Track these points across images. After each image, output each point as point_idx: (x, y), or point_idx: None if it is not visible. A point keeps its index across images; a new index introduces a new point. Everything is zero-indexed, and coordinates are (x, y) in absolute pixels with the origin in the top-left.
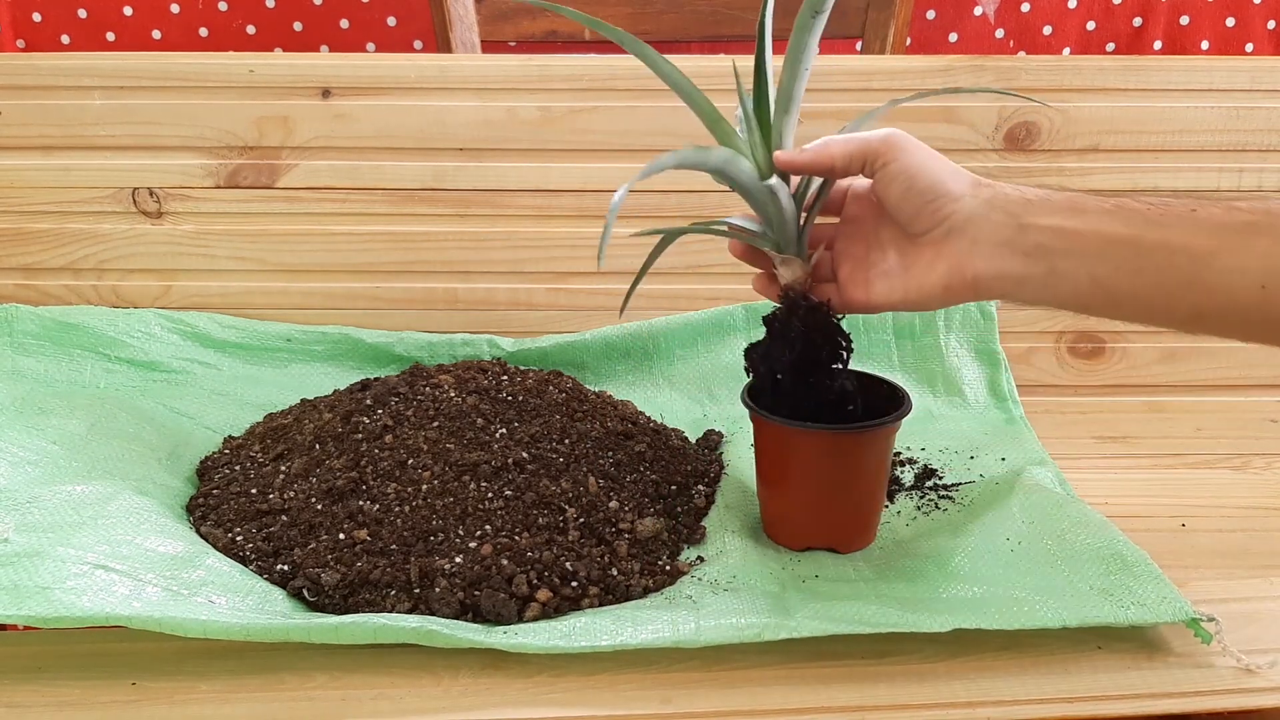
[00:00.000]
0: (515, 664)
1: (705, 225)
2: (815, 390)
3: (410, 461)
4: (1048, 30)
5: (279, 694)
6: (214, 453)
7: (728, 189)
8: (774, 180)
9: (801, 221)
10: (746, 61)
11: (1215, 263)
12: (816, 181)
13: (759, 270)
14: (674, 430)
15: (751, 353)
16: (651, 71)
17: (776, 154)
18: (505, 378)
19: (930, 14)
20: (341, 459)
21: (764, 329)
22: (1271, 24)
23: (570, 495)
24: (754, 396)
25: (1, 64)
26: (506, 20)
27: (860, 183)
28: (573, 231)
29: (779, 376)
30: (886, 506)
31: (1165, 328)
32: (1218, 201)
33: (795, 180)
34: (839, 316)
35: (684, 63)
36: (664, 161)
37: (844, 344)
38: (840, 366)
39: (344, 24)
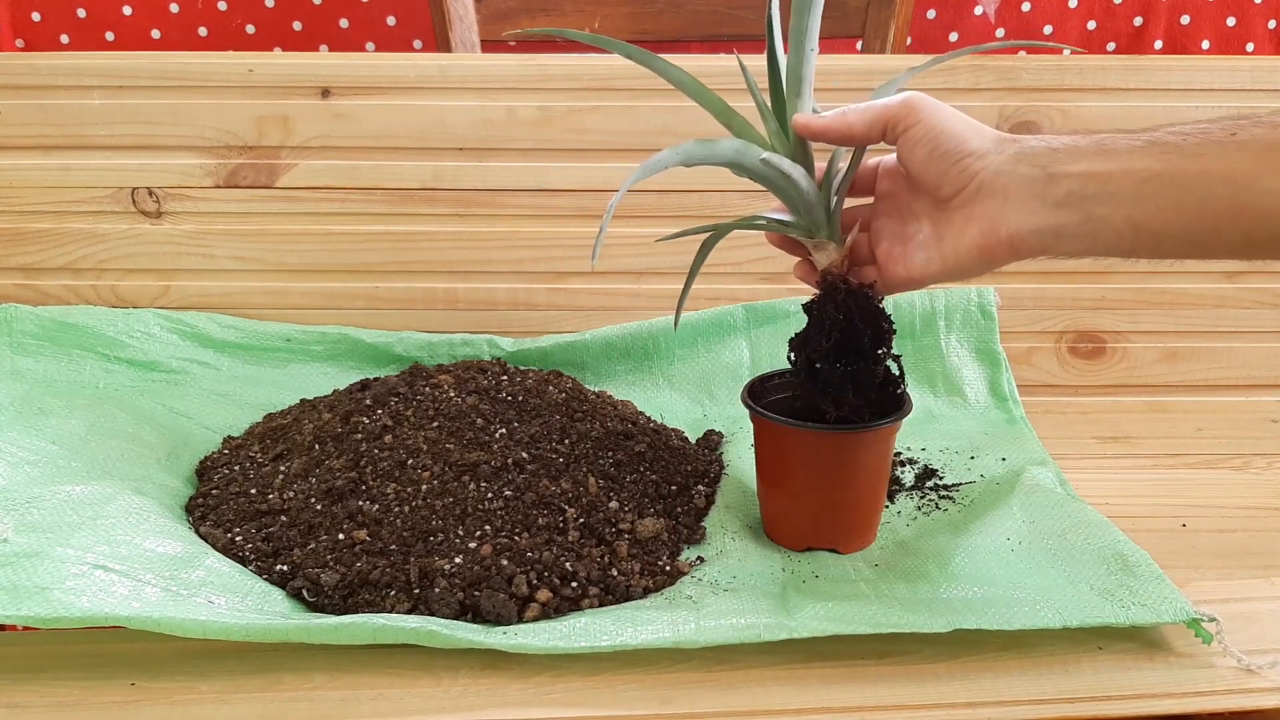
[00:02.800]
0: (515, 664)
1: (746, 221)
2: (856, 378)
3: (410, 461)
4: (1048, 30)
5: (278, 694)
6: (213, 453)
7: (737, 187)
8: (787, 164)
9: (831, 205)
10: (750, 60)
11: (1261, 185)
12: (843, 162)
13: (798, 259)
14: (674, 430)
15: (792, 342)
16: (652, 73)
17: (795, 118)
18: (505, 378)
19: (931, 13)
20: (341, 459)
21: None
22: (1272, 24)
23: (570, 495)
24: (754, 396)
25: (1, 64)
26: (506, 20)
27: (891, 159)
28: (573, 231)
29: (817, 365)
30: (887, 506)
31: (1217, 258)
32: (1260, 120)
33: (820, 166)
34: (880, 299)
35: (685, 62)
36: (665, 159)
37: (887, 327)
38: (885, 351)
39: (344, 23)
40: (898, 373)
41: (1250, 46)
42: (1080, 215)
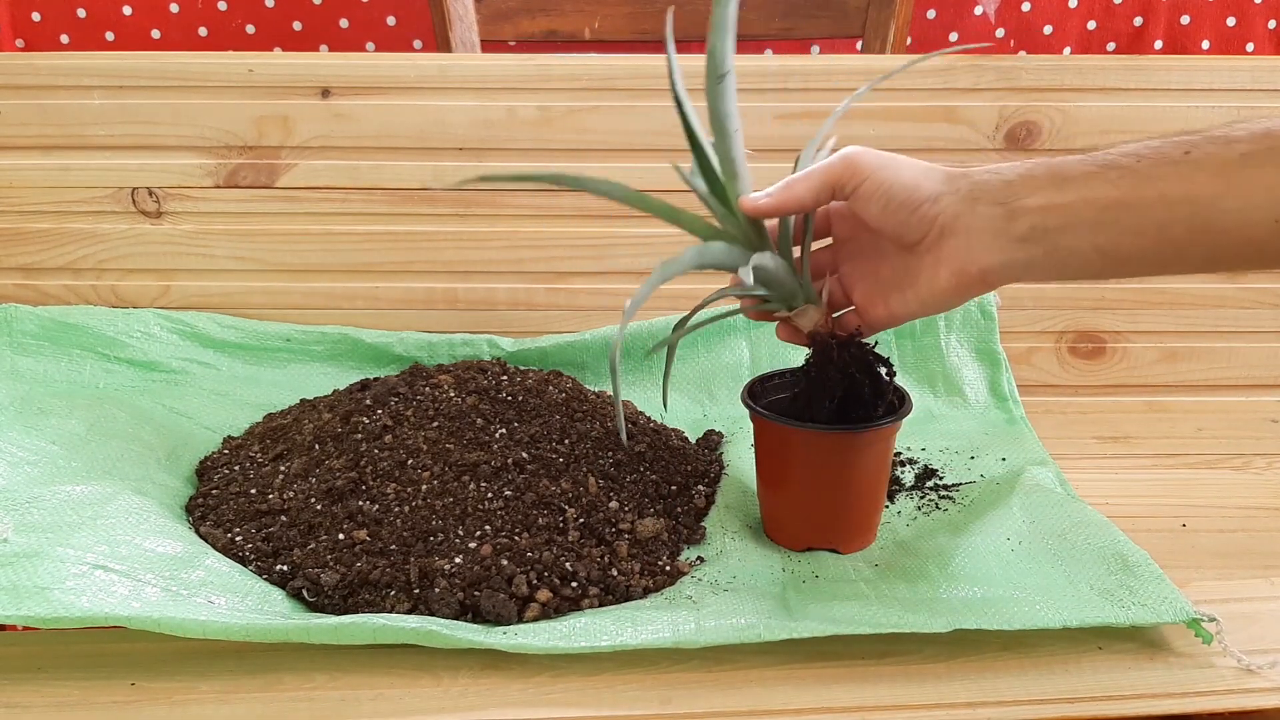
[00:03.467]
0: (515, 664)
1: (719, 314)
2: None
3: (410, 461)
4: (1048, 30)
5: (278, 694)
6: (213, 453)
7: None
8: (768, 258)
9: (799, 270)
10: (747, 60)
11: (1220, 205)
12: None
13: (777, 322)
14: (674, 430)
15: (792, 404)
16: (651, 73)
17: (741, 202)
18: (505, 378)
19: (931, 13)
20: (341, 459)
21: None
22: (1272, 24)
23: (570, 495)
24: (754, 396)
25: (1, 64)
26: (506, 20)
27: (837, 203)
28: (573, 231)
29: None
30: (886, 506)
31: (1185, 274)
32: (1213, 135)
33: (773, 225)
34: (872, 342)
35: (685, 62)
36: (672, 271)
37: (885, 372)
38: (883, 400)
39: (344, 23)
40: (900, 396)
41: (1250, 46)
42: (1045, 247)
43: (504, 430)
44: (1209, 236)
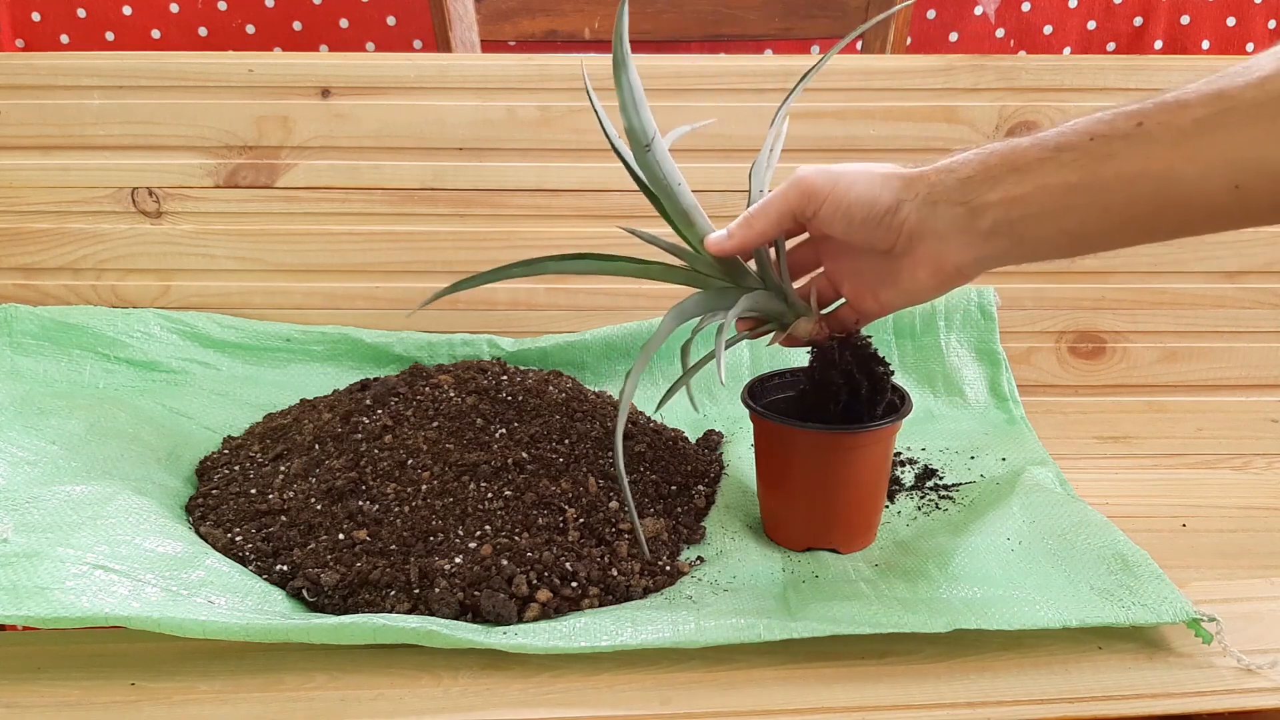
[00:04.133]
0: (515, 664)
1: (712, 354)
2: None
3: (410, 462)
4: (1048, 30)
5: (279, 694)
6: (213, 453)
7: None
8: (759, 297)
9: (786, 291)
10: (744, 60)
11: (1179, 176)
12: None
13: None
14: (674, 430)
15: (799, 405)
16: (652, 73)
17: (706, 242)
18: (505, 378)
19: (931, 13)
20: (341, 459)
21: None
22: (1272, 24)
23: (570, 495)
24: (754, 396)
25: (1, 64)
26: (506, 20)
27: None
28: (573, 231)
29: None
30: (887, 506)
31: (1158, 242)
32: (1165, 101)
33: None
34: (868, 338)
35: (684, 62)
36: (651, 349)
37: (883, 371)
38: (882, 396)
39: (344, 24)
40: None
41: (1250, 46)
42: (1012, 238)
43: (504, 430)
44: (1172, 209)
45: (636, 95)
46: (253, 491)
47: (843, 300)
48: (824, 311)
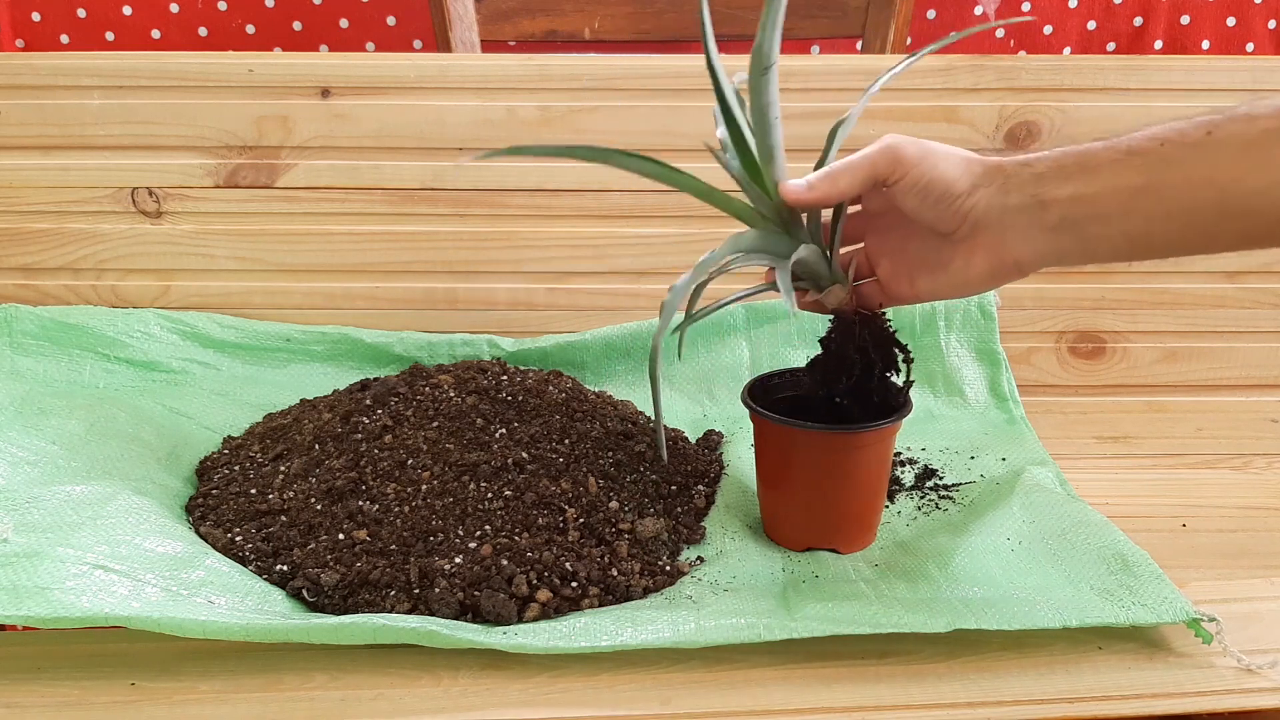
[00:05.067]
0: (515, 664)
1: (753, 289)
2: (873, 399)
3: (410, 461)
4: (1048, 30)
5: (279, 694)
6: (213, 453)
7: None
8: (809, 251)
9: (828, 253)
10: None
11: (1244, 186)
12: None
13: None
14: (674, 430)
15: (810, 371)
16: (652, 73)
17: (783, 188)
18: (505, 378)
19: (930, 13)
20: (341, 459)
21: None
22: (1272, 24)
23: (570, 495)
24: (754, 396)
25: (1, 64)
26: (506, 20)
27: None
28: (573, 231)
29: (838, 400)
30: (887, 506)
31: (1220, 253)
32: (1236, 113)
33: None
34: (888, 320)
35: (684, 62)
36: (706, 267)
37: (900, 353)
38: (894, 371)
39: (344, 24)
40: (905, 374)
41: (1250, 46)
42: (1075, 236)
43: (504, 430)
44: (1237, 219)
45: (779, 17)
46: (253, 491)
47: (871, 280)
48: (854, 285)
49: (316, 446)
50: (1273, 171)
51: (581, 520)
